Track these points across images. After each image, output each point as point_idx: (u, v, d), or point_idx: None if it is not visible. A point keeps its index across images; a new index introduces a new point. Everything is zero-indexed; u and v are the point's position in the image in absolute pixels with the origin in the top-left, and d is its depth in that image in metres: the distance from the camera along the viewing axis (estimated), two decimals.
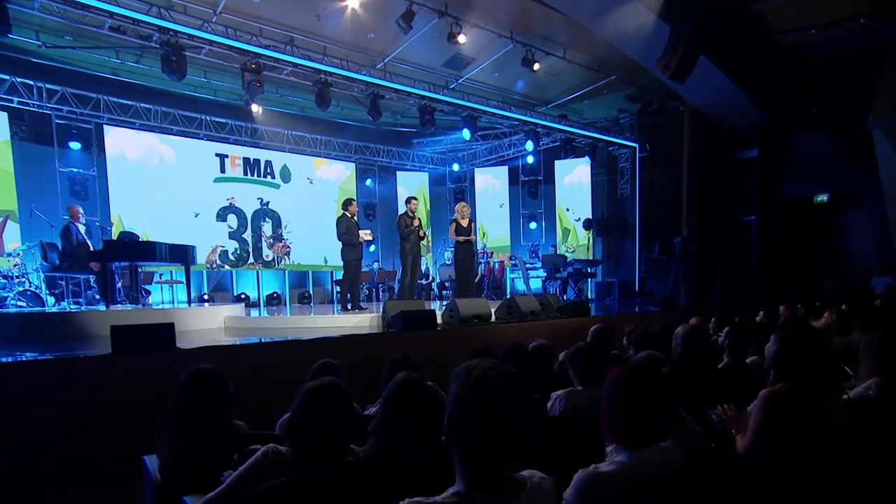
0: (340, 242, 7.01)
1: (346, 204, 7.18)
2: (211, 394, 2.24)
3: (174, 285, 10.28)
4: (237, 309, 7.14)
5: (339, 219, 7.05)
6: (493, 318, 6.26)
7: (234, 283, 11.84)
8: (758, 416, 1.89)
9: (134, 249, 6.82)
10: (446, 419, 1.24)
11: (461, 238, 7.73)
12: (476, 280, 9.91)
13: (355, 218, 7.17)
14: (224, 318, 6.58)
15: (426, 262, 12.48)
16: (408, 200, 7.52)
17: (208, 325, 6.35)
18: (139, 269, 7.56)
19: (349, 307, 7.12)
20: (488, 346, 3.36)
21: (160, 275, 10.15)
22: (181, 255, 7.18)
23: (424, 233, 7.68)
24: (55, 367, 3.50)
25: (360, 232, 7.02)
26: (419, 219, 7.50)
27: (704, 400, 2.60)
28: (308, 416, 1.71)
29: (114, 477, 2.94)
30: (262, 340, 5.54)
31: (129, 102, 10.26)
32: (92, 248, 6.86)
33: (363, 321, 6.09)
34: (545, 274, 11.46)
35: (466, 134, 10.38)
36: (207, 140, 11.46)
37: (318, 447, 1.70)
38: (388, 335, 5.05)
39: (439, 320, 5.80)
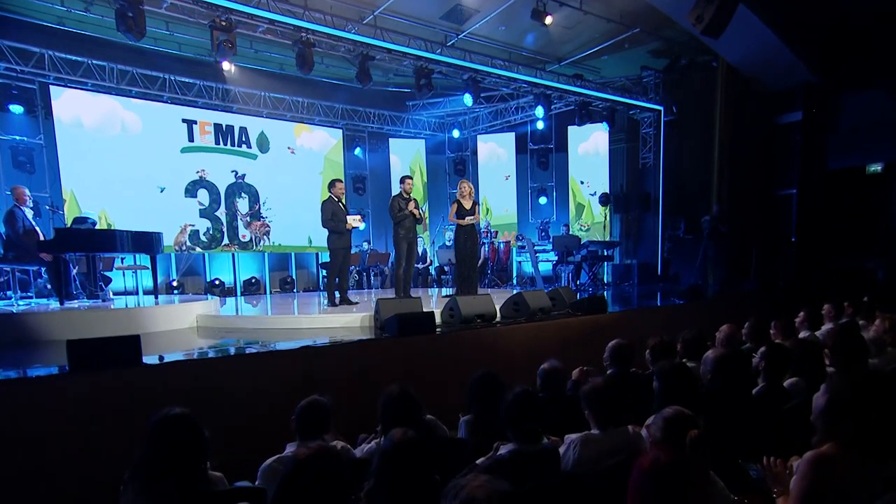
0: (326, 230, 6.96)
1: (331, 185, 7.08)
2: (183, 444, 2.23)
3: (138, 271, 10.24)
4: (211, 305, 7.12)
5: (323, 203, 6.97)
6: (499, 316, 6.25)
7: (207, 268, 11.83)
8: (801, 483, 1.87)
9: (90, 239, 6.74)
10: None
11: (463, 221, 7.66)
12: (479, 263, 9.87)
13: (343, 201, 7.08)
14: (196, 316, 6.56)
15: (423, 242, 12.43)
16: (402, 180, 7.40)
17: (179, 324, 6.33)
18: (97, 258, 7.49)
19: (337, 302, 7.10)
20: (494, 369, 3.35)
21: (122, 259, 10.09)
22: (146, 243, 7.11)
23: (421, 216, 7.59)
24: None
25: (348, 218, 6.93)
26: (415, 200, 7.40)
27: (738, 444, 2.61)
28: (296, 493, 1.70)
29: None
30: (240, 343, 5.55)
31: (79, 59, 9.99)
32: (42, 237, 6.77)
33: (353, 321, 6.08)
34: (556, 257, 11.44)
35: (468, 100, 10.18)
36: (172, 103, 11.25)
37: None
38: (381, 343, 5.03)
39: (438, 319, 5.80)
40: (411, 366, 4.85)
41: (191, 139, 11.49)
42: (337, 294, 7.22)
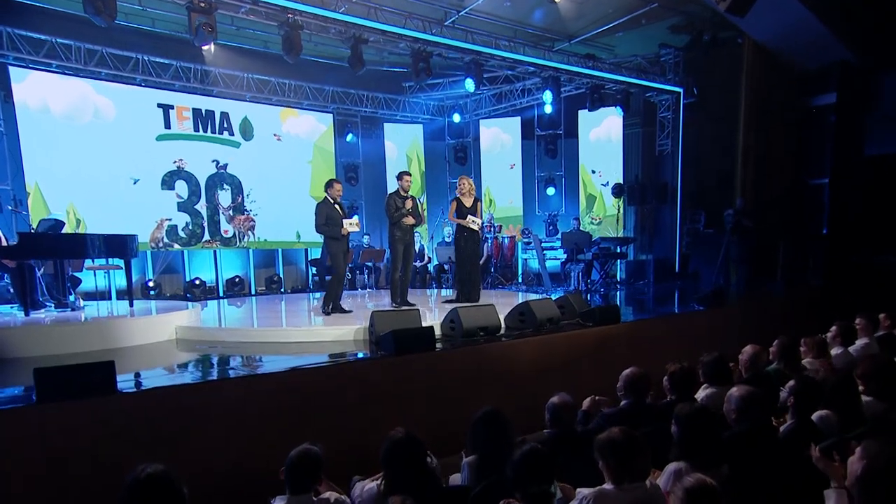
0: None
1: (328, 185, 7.05)
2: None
3: (111, 271, 10.21)
4: (192, 315, 7.08)
5: (318, 205, 6.94)
6: (503, 328, 6.24)
7: (187, 266, 11.80)
8: None
9: (58, 244, 6.72)
10: None
11: (464, 221, 7.62)
12: (481, 261, 9.87)
13: (339, 203, 7.04)
14: (175, 328, 6.53)
15: (421, 238, 12.39)
16: (400, 176, 7.35)
17: (156, 337, 6.28)
18: (66, 261, 7.46)
19: (329, 310, 7.08)
20: (498, 406, 3.33)
21: (93, 258, 10.05)
22: (119, 247, 7.10)
23: (420, 218, 7.56)
24: None
25: (344, 222, 6.88)
26: (413, 198, 7.36)
27: (765, 497, 2.60)
28: None
29: None
30: (224, 359, 5.54)
31: (42, 37, 9.82)
32: (5, 240, 6.72)
33: (346, 334, 6.04)
34: (565, 255, 11.42)
35: (470, 85, 10.07)
36: (146, 87, 11.13)
37: None
38: (377, 363, 5.01)
39: (438, 332, 5.78)
40: (409, 387, 4.84)
41: (167, 126, 11.39)
42: None
